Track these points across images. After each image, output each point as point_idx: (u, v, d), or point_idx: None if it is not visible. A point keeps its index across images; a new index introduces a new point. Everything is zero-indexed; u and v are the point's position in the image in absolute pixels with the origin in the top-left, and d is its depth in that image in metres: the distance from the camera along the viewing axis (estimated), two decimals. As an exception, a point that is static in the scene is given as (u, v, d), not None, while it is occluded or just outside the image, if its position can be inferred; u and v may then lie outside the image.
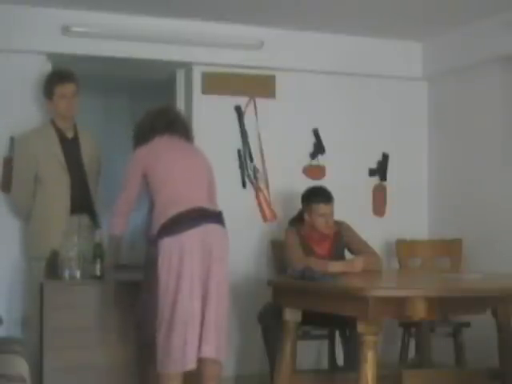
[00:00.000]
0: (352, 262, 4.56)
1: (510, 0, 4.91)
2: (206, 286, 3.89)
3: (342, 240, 4.84)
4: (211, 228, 3.95)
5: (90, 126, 5.32)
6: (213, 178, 4.32)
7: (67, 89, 4.72)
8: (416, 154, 6.07)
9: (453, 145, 5.87)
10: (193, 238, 3.89)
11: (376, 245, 5.13)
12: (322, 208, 4.72)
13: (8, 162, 4.93)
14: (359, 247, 4.77)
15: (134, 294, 4.25)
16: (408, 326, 5.25)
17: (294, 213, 5.01)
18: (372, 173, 5.93)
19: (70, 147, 4.78)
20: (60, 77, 4.74)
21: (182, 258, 3.85)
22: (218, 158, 5.39)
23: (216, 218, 4.02)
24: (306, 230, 4.79)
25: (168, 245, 3.88)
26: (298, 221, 4.87)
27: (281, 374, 4.26)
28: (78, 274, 4.27)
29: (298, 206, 4.93)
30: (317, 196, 4.77)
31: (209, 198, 4.17)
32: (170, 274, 3.86)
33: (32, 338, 4.43)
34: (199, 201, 4.03)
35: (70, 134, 4.82)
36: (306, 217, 4.79)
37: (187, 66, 5.59)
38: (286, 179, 5.57)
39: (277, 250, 5.22)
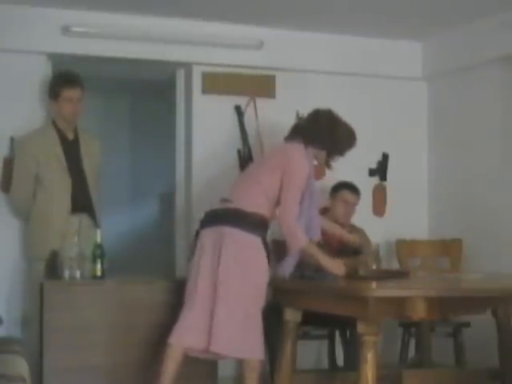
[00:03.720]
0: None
1: (509, 0, 4.91)
2: (215, 285, 4.03)
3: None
4: (223, 230, 4.09)
5: (91, 126, 5.33)
6: (284, 188, 4.14)
7: (74, 93, 4.72)
8: (416, 153, 6.07)
9: (453, 145, 5.87)
10: (207, 235, 4.14)
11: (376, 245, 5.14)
12: (348, 195, 5.01)
13: (8, 162, 4.94)
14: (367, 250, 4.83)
15: (136, 294, 4.28)
16: (408, 326, 5.25)
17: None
18: (372, 173, 5.93)
19: (71, 148, 4.78)
20: (68, 80, 4.74)
21: (200, 251, 4.14)
22: (217, 158, 5.42)
23: (232, 220, 4.09)
24: (324, 218, 4.86)
25: (199, 236, 4.21)
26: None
27: (281, 374, 4.26)
28: (77, 274, 4.27)
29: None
30: (347, 185, 5.08)
31: (247, 197, 4.17)
32: (193, 262, 4.16)
33: (32, 338, 4.43)
34: (232, 201, 4.17)
35: (70, 135, 4.81)
36: (330, 204, 5.02)
37: (187, 66, 5.59)
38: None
39: (278, 250, 5.22)
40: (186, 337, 4.05)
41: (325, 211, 5.00)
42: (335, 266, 4.11)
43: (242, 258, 4.06)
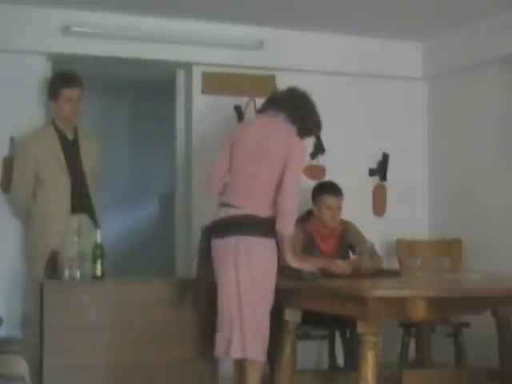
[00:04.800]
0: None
1: (509, 0, 4.91)
2: (237, 293, 4.07)
3: (347, 239, 4.88)
4: (242, 240, 4.06)
5: (90, 126, 5.32)
6: (287, 169, 4.07)
7: (74, 93, 4.72)
8: (416, 153, 6.07)
9: (453, 145, 5.87)
10: (222, 246, 4.12)
11: (376, 245, 5.13)
12: (331, 200, 4.82)
13: (8, 162, 4.94)
14: (363, 248, 4.80)
15: (136, 294, 4.28)
16: (408, 326, 5.25)
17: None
18: (372, 173, 5.93)
19: (71, 148, 4.79)
20: (67, 80, 4.74)
21: (216, 260, 4.16)
22: (218, 158, 5.41)
23: (249, 228, 4.07)
24: (312, 224, 4.84)
25: (213, 245, 4.19)
26: (305, 218, 4.90)
27: (281, 373, 4.26)
28: (77, 274, 4.26)
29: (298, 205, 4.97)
30: (328, 188, 4.89)
31: (259, 202, 4.12)
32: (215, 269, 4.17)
33: (32, 338, 4.43)
34: (241, 207, 4.11)
35: (70, 135, 4.82)
36: (315, 210, 4.87)
37: (187, 66, 5.59)
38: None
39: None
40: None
41: (310, 214, 4.91)
42: (304, 266, 4.13)
43: (260, 264, 4.07)
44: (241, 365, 4.18)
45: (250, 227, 4.07)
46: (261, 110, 4.38)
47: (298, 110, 4.26)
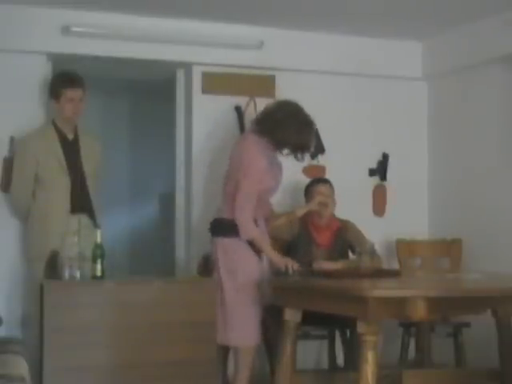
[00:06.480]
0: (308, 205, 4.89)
1: (510, 0, 4.91)
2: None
3: (346, 237, 4.89)
4: (213, 241, 4.58)
5: (91, 126, 5.32)
6: (242, 174, 4.41)
7: (76, 93, 4.72)
8: (416, 153, 6.07)
9: (453, 145, 5.87)
10: (213, 246, 4.61)
11: (376, 245, 5.13)
12: (320, 187, 4.93)
13: (8, 162, 4.94)
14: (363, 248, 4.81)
15: (136, 294, 4.28)
16: (408, 326, 5.25)
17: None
18: (372, 173, 5.93)
19: (70, 148, 4.79)
20: (70, 80, 4.74)
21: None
22: (217, 159, 5.42)
23: (216, 230, 4.56)
24: (309, 218, 4.88)
25: None
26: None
27: (281, 373, 4.27)
28: (77, 274, 4.26)
29: (298, 205, 4.96)
30: (317, 180, 5.09)
31: (229, 202, 4.49)
32: None
33: (32, 338, 4.43)
34: (221, 210, 4.59)
35: (70, 135, 4.82)
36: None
37: (187, 66, 5.59)
38: (286, 179, 5.54)
39: (276, 249, 5.21)
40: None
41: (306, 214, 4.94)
42: (281, 260, 4.41)
43: (230, 260, 4.48)
44: (234, 350, 4.56)
45: (222, 229, 4.50)
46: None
47: (269, 124, 4.49)
